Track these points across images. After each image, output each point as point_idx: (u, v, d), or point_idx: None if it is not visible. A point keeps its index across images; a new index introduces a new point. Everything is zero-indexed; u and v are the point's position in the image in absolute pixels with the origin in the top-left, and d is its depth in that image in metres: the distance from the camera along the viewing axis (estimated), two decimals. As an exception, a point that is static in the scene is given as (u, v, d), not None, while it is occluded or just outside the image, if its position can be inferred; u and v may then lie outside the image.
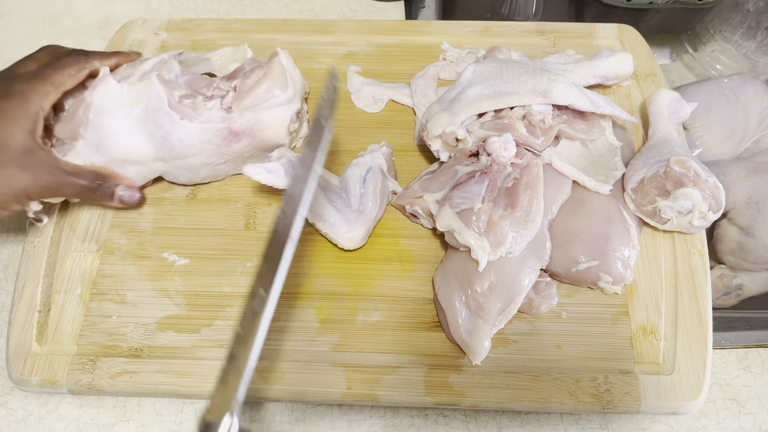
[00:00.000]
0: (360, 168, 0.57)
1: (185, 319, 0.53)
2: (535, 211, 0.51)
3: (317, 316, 0.53)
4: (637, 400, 0.48)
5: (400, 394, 0.49)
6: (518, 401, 0.49)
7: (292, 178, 0.46)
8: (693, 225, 0.52)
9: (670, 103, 0.59)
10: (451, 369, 0.50)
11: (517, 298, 0.50)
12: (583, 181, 0.54)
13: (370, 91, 0.66)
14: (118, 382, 0.50)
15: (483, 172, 0.52)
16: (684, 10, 0.75)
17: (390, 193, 0.59)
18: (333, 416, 0.54)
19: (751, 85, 0.65)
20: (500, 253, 0.49)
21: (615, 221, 0.53)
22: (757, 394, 0.57)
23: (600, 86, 0.64)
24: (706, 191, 0.50)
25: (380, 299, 0.54)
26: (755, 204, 0.57)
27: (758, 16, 0.74)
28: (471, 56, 0.67)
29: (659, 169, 0.52)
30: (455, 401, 0.49)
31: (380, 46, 0.71)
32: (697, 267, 0.53)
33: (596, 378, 0.49)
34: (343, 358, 0.51)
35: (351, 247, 0.55)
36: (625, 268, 0.51)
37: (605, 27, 0.70)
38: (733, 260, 0.60)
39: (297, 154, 0.55)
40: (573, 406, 0.48)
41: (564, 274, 0.52)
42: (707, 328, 0.51)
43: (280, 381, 0.50)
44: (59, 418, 0.54)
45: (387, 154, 0.59)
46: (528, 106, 0.53)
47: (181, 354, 0.51)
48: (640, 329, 0.51)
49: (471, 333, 0.49)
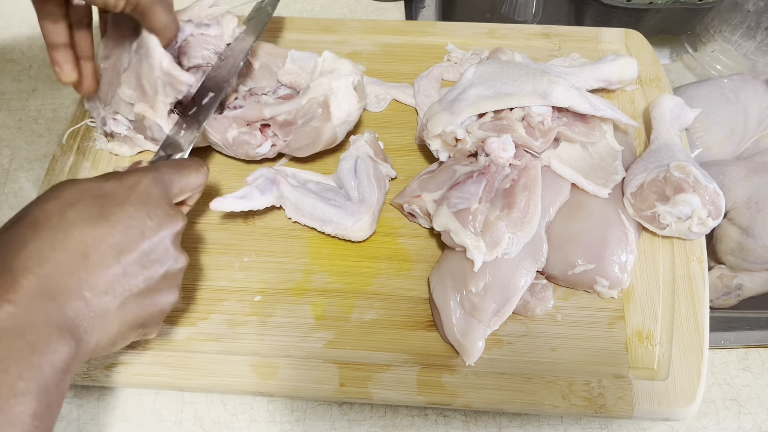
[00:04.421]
0: (348, 160, 0.57)
1: (181, 312, 0.53)
2: (532, 212, 0.50)
3: (312, 312, 0.53)
4: (630, 405, 0.48)
5: (393, 392, 0.49)
6: (510, 403, 0.48)
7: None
8: (692, 231, 0.52)
9: (673, 109, 0.58)
10: (445, 369, 0.50)
11: (512, 299, 0.50)
12: (582, 184, 0.54)
13: (374, 90, 0.67)
14: (112, 373, 0.50)
15: (481, 172, 0.52)
16: (684, 10, 0.75)
17: (385, 176, 0.59)
18: (333, 416, 0.55)
19: (751, 85, 0.65)
20: (496, 253, 0.49)
21: (613, 225, 0.53)
22: (757, 394, 0.56)
23: (604, 90, 0.64)
24: (706, 197, 0.50)
25: (376, 297, 0.54)
26: (755, 204, 0.57)
27: (758, 16, 0.73)
28: (475, 57, 0.67)
29: (659, 174, 0.52)
30: (447, 401, 0.49)
31: (385, 45, 0.71)
32: (695, 273, 0.53)
33: (590, 382, 0.49)
34: (337, 354, 0.51)
35: (362, 237, 0.55)
36: (622, 272, 0.51)
37: (611, 31, 0.70)
38: (732, 260, 0.60)
39: (271, 169, 0.56)
40: (565, 409, 0.48)
41: (560, 277, 0.52)
42: (703, 334, 0.50)
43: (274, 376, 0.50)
44: (59, 418, 0.54)
45: (371, 139, 0.59)
46: (527, 107, 0.53)
47: (176, 346, 0.52)
48: (635, 334, 0.51)
49: (465, 333, 0.49)
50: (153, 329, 0.43)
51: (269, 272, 0.55)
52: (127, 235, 0.38)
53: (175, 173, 0.44)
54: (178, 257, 0.42)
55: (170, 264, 0.41)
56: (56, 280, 0.35)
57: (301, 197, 0.55)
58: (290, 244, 0.57)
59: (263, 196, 0.54)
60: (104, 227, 0.38)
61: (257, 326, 0.52)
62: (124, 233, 0.38)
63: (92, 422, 0.54)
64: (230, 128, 0.57)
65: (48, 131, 0.73)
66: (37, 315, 0.34)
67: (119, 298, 0.38)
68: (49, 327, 0.34)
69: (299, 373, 0.50)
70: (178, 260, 0.42)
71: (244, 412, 0.55)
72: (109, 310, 0.37)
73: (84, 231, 0.37)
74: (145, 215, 0.40)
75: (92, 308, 0.36)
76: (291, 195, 0.55)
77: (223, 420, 0.54)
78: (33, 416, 0.32)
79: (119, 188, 0.40)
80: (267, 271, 0.55)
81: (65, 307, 0.35)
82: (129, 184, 0.40)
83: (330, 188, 0.57)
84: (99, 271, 0.37)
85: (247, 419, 0.54)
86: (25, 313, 0.33)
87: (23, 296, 0.34)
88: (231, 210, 0.53)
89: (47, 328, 0.34)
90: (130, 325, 0.40)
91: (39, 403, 0.32)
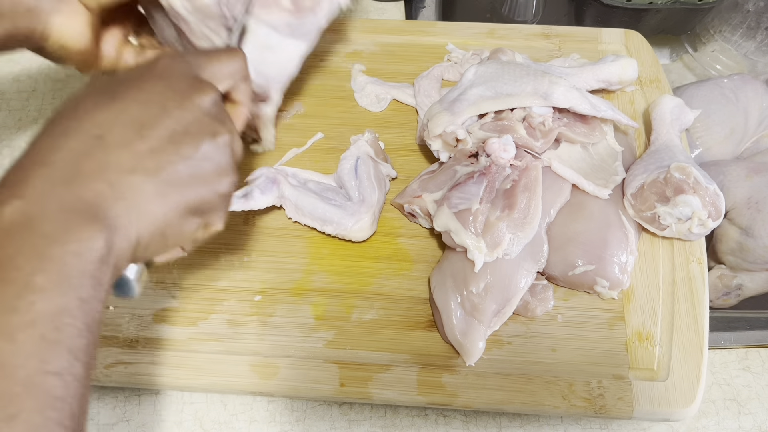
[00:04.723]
0: (349, 160, 0.57)
1: (181, 311, 0.53)
2: (533, 213, 0.50)
3: (313, 312, 0.53)
4: (630, 406, 0.48)
5: (393, 392, 0.49)
6: (510, 403, 0.48)
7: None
8: (692, 232, 0.52)
9: (673, 110, 0.58)
10: (445, 369, 0.50)
11: (512, 299, 0.50)
12: (583, 185, 0.54)
13: (374, 90, 0.66)
14: (112, 372, 0.50)
15: (482, 173, 0.52)
16: (684, 10, 0.75)
17: (385, 176, 0.59)
18: (333, 416, 0.55)
19: (751, 85, 0.65)
20: (497, 254, 0.49)
21: (613, 226, 0.53)
22: (757, 394, 0.57)
23: (604, 91, 0.64)
24: (706, 198, 0.50)
25: (376, 297, 0.54)
26: (755, 204, 0.57)
27: (758, 16, 0.73)
28: (476, 58, 0.67)
29: (659, 175, 0.52)
30: (447, 401, 0.49)
31: (385, 45, 0.71)
32: (695, 274, 0.53)
33: (590, 382, 0.49)
34: (337, 354, 0.51)
35: (363, 237, 0.55)
36: (622, 273, 0.51)
37: (611, 32, 0.70)
38: (732, 260, 0.60)
39: (272, 169, 0.56)
40: (565, 409, 0.48)
41: (561, 278, 0.52)
42: (703, 335, 0.50)
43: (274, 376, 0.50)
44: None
45: (371, 139, 0.59)
46: (528, 108, 0.53)
47: (176, 346, 0.52)
48: (635, 335, 0.51)
49: (465, 333, 0.49)
50: (214, 218, 0.38)
51: (269, 272, 0.55)
52: (147, 110, 0.34)
53: (203, 56, 0.40)
54: (219, 129, 0.37)
55: (209, 137, 0.36)
56: (70, 166, 0.32)
57: (301, 197, 0.55)
58: (290, 244, 0.57)
59: (264, 196, 0.54)
60: (118, 106, 0.34)
61: (257, 326, 0.52)
62: (142, 109, 0.34)
63: (92, 422, 0.54)
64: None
65: (48, 130, 0.73)
66: (50, 204, 0.30)
67: (153, 177, 0.33)
68: (66, 214, 0.30)
69: (299, 373, 0.50)
70: (219, 133, 0.37)
71: (244, 412, 0.55)
72: (144, 191, 0.33)
73: (96, 114, 0.34)
74: (165, 88, 0.36)
75: (119, 190, 0.32)
76: (291, 195, 0.55)
77: (223, 420, 0.54)
78: (58, 313, 0.28)
79: (134, 72, 0.37)
80: (267, 271, 0.55)
81: (84, 190, 0.31)
82: (145, 67, 0.37)
83: (330, 188, 0.57)
84: (119, 150, 0.33)
85: (247, 419, 0.54)
86: (36, 204, 0.30)
87: (33, 188, 0.30)
88: (231, 209, 0.53)
89: (65, 216, 0.30)
90: (179, 210, 0.35)
91: (66, 298, 0.28)
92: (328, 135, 0.64)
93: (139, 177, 0.33)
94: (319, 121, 0.65)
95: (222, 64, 0.40)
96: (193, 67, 0.38)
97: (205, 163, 0.36)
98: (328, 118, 0.65)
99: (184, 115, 0.35)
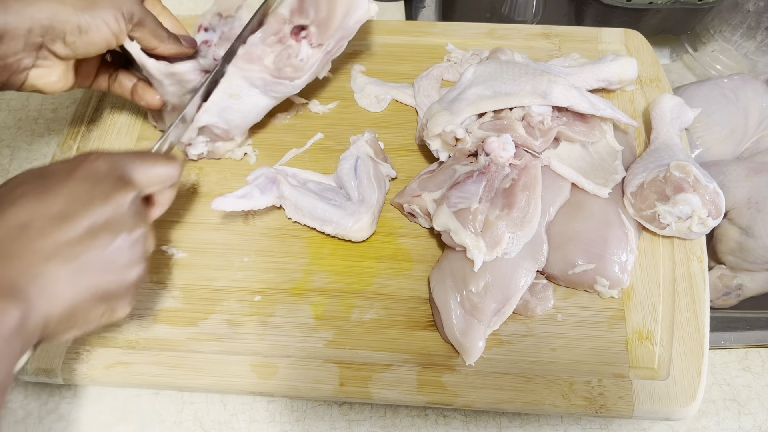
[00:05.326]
0: (348, 160, 0.57)
1: (181, 311, 0.53)
2: (532, 212, 0.50)
3: (312, 312, 0.53)
4: (631, 405, 0.47)
5: (393, 392, 0.49)
6: (511, 402, 0.48)
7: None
8: (692, 231, 0.52)
9: (673, 109, 0.58)
10: (445, 368, 0.50)
11: (512, 299, 0.50)
12: (582, 184, 0.54)
13: (374, 91, 0.67)
14: (112, 373, 0.50)
15: (481, 172, 0.52)
16: (684, 10, 0.75)
17: (385, 176, 0.59)
18: (333, 416, 0.54)
19: (751, 85, 0.65)
20: (496, 253, 0.49)
21: (613, 225, 0.53)
22: (757, 394, 0.56)
23: (604, 90, 0.64)
24: (706, 197, 0.50)
25: (376, 297, 0.54)
26: (755, 204, 0.57)
27: (758, 16, 0.73)
28: (475, 58, 0.67)
29: (659, 174, 0.52)
30: (447, 401, 0.49)
31: (385, 46, 0.71)
32: (695, 273, 0.53)
33: (590, 381, 0.49)
34: (336, 354, 0.51)
35: (362, 237, 0.55)
36: (622, 272, 0.51)
37: (611, 31, 0.70)
38: (733, 260, 0.60)
39: (272, 169, 0.56)
40: (565, 408, 0.48)
41: (560, 277, 0.52)
42: (704, 334, 0.50)
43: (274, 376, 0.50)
44: (59, 418, 0.54)
45: (371, 140, 0.59)
46: (527, 107, 0.53)
47: (175, 346, 0.52)
48: (636, 334, 0.51)
49: (465, 333, 0.49)
50: (120, 306, 0.41)
51: (269, 272, 0.55)
52: (70, 205, 0.38)
53: (137, 159, 0.43)
54: (135, 227, 0.40)
55: (125, 232, 0.39)
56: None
57: (301, 197, 0.55)
58: (290, 244, 0.57)
59: (263, 196, 0.54)
60: (46, 200, 0.38)
61: (257, 326, 0.52)
62: (66, 203, 0.38)
63: (92, 422, 0.54)
64: (264, 55, 0.56)
65: (48, 131, 0.73)
66: None
67: (68, 264, 0.37)
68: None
69: (299, 373, 0.50)
70: (135, 229, 0.40)
71: (244, 412, 0.55)
72: (58, 276, 0.37)
73: (25, 205, 0.37)
74: (90, 186, 0.39)
75: (36, 273, 0.36)
76: (291, 195, 0.55)
77: (223, 420, 0.54)
78: None
79: (64, 166, 0.40)
80: (267, 271, 0.55)
81: (5, 269, 0.35)
82: (75, 162, 0.40)
83: (330, 188, 0.57)
84: (40, 239, 0.37)
85: (247, 419, 0.54)
86: None
87: None
88: (231, 210, 0.53)
89: None
90: (88, 296, 0.38)
91: None
92: (327, 135, 0.64)
93: (55, 263, 0.37)
94: (318, 121, 0.65)
95: (156, 169, 0.44)
96: (119, 165, 0.41)
97: (118, 254, 0.39)
98: (328, 119, 0.65)
99: (105, 210, 0.39)
